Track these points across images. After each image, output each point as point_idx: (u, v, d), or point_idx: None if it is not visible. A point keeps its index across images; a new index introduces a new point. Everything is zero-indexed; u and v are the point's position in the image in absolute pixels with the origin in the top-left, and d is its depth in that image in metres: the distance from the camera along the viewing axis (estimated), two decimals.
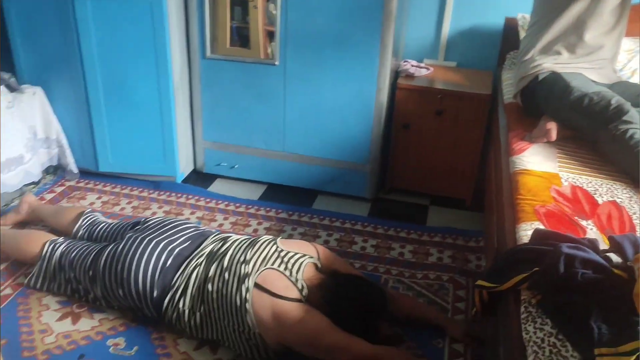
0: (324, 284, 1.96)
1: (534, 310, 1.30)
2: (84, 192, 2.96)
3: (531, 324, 1.26)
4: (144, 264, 2.00)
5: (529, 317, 1.29)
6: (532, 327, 1.25)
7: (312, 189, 3.07)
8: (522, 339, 1.25)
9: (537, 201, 1.73)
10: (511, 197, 1.83)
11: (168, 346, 1.99)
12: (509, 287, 1.40)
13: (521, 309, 1.33)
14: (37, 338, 2.00)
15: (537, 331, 1.23)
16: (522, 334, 1.26)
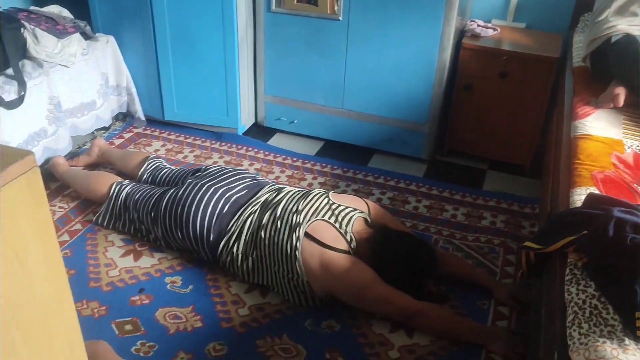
0: (372, 238, 1.99)
1: (579, 273, 1.29)
2: (150, 139, 3.10)
3: (574, 285, 1.25)
4: (202, 209, 2.09)
5: (573, 279, 1.28)
6: (574, 288, 1.25)
7: (368, 147, 3.08)
8: (564, 300, 1.25)
9: (596, 166, 1.68)
10: (569, 162, 1.78)
11: (221, 287, 2.10)
12: (555, 249, 1.39)
13: (566, 271, 1.32)
14: (102, 271, 2.15)
15: (579, 293, 1.23)
16: (565, 295, 1.25)
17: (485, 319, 2.01)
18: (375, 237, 1.99)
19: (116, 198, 2.34)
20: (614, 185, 1.60)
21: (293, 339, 1.90)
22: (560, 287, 1.30)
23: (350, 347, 1.88)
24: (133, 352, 1.83)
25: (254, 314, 1.99)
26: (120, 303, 2.01)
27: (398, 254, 1.96)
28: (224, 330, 1.92)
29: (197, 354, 1.83)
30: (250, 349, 1.86)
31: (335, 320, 1.98)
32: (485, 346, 1.88)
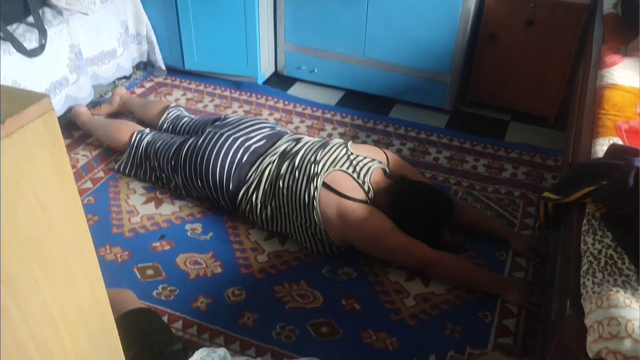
0: (390, 188, 1.99)
1: (597, 223, 1.28)
2: (170, 88, 3.10)
3: (591, 235, 1.25)
4: (222, 158, 2.11)
5: (590, 229, 1.27)
6: (591, 238, 1.24)
7: (390, 97, 3.04)
8: (580, 250, 1.24)
9: (620, 117, 1.65)
10: (593, 112, 1.74)
11: (240, 234, 2.13)
12: (574, 199, 1.37)
13: (583, 222, 1.31)
14: (124, 217, 2.20)
15: (595, 243, 1.22)
16: (581, 245, 1.25)
17: (502, 269, 2.02)
18: (393, 188, 1.99)
19: (137, 146, 2.36)
20: (638, 135, 1.56)
21: (310, 285, 1.94)
22: (576, 237, 1.29)
23: (367, 294, 1.91)
24: (155, 296, 1.88)
25: (273, 261, 2.03)
26: (142, 248, 2.06)
27: (416, 204, 1.96)
28: (242, 276, 1.97)
29: (216, 298, 1.88)
30: (268, 294, 1.90)
31: (352, 268, 2.00)
32: (501, 296, 1.90)
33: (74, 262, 0.93)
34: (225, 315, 1.83)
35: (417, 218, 1.95)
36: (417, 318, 1.83)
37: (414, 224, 1.94)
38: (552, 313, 1.27)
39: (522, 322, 1.82)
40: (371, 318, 1.83)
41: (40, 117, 0.80)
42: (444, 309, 1.86)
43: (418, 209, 1.95)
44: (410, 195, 1.96)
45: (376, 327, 1.80)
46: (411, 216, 1.95)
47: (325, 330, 1.79)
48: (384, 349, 1.73)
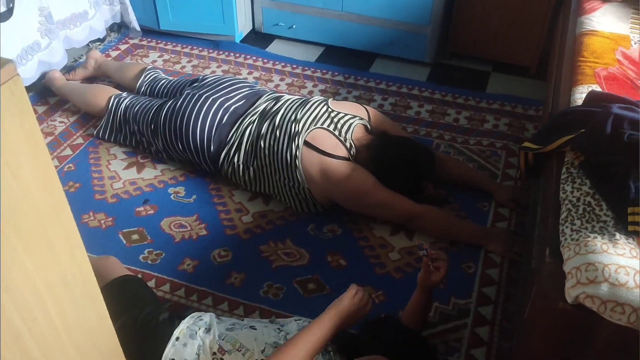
0: (372, 144, 1.99)
1: (575, 171, 1.29)
2: (146, 50, 3.03)
3: (569, 184, 1.26)
4: (201, 120, 2.08)
5: (569, 177, 1.28)
6: (570, 186, 1.25)
7: (370, 52, 3.00)
8: (559, 198, 1.26)
9: (600, 63, 1.64)
10: (572, 60, 1.74)
11: (224, 196, 2.13)
12: (553, 148, 1.38)
13: (562, 170, 1.32)
14: (106, 183, 2.18)
15: (574, 190, 1.23)
16: (560, 194, 1.26)
17: (485, 220, 2.04)
18: (374, 143, 1.99)
19: (115, 111, 2.32)
20: (617, 82, 1.57)
21: (296, 243, 1.95)
22: (555, 186, 1.30)
23: (352, 250, 1.93)
24: (141, 260, 1.89)
25: (258, 221, 2.03)
26: (126, 214, 2.05)
27: (398, 159, 1.96)
28: (228, 237, 1.97)
29: (202, 260, 1.89)
30: (254, 254, 1.91)
31: (337, 225, 2.02)
32: (484, 246, 1.92)
33: (52, 229, 0.92)
34: (212, 276, 1.84)
35: (399, 173, 1.95)
36: (401, 271, 1.86)
37: (396, 178, 1.95)
38: (533, 261, 1.29)
39: (505, 272, 1.85)
40: (357, 273, 1.86)
41: (5, 84, 0.77)
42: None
43: (400, 163, 1.96)
44: (391, 150, 1.96)
45: (362, 282, 1.81)
46: (393, 171, 1.95)
47: (312, 286, 1.81)
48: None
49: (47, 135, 2.38)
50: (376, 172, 1.94)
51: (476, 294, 1.79)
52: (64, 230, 0.96)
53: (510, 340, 1.63)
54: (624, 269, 1.01)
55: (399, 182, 1.95)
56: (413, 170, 1.97)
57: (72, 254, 0.99)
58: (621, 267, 1.02)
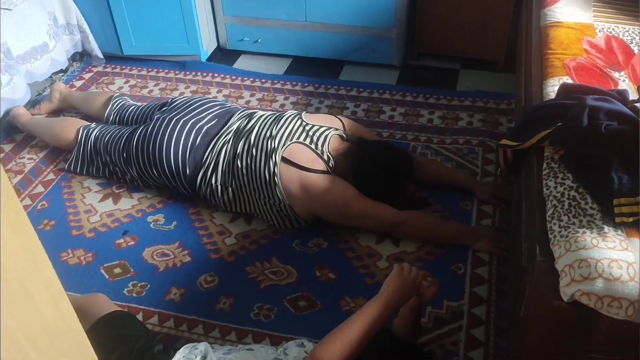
0: (349, 152, 1.97)
1: (556, 166, 1.29)
2: (111, 77, 2.98)
3: (552, 179, 1.26)
4: (174, 144, 2.04)
5: (551, 172, 1.28)
6: (552, 182, 1.25)
7: (337, 60, 2.99)
8: (543, 195, 1.25)
9: (568, 54, 1.65)
10: (540, 53, 1.74)
11: (205, 220, 2.09)
12: (532, 144, 1.38)
13: (543, 166, 1.32)
14: (83, 218, 2.12)
15: (557, 186, 1.23)
16: (543, 190, 1.26)
17: (469, 219, 2.04)
18: (352, 150, 1.97)
19: (85, 142, 2.27)
20: (587, 72, 1.57)
21: (282, 261, 1.92)
22: (538, 182, 1.30)
23: (339, 262, 1.91)
24: (126, 294, 1.84)
25: (241, 242, 2.00)
26: (106, 248, 2.00)
27: (376, 163, 1.94)
28: (212, 261, 1.94)
29: (189, 287, 1.85)
30: (241, 276, 1.88)
31: (322, 238, 1.99)
32: (471, 245, 1.92)
33: (31, 281, 0.88)
34: (200, 303, 1.80)
35: (379, 178, 1.94)
36: None
37: (377, 184, 1.93)
38: (522, 258, 1.28)
39: (495, 269, 1.85)
40: (347, 285, 1.83)
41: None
42: (417, 266, 1.86)
43: (378, 167, 1.94)
44: (368, 155, 1.94)
45: (353, 294, 1.80)
46: (373, 177, 1.93)
47: (303, 304, 1.78)
48: None
49: (17, 174, 2.32)
50: (356, 178, 1.93)
51: (468, 295, 1.78)
52: (43, 280, 0.91)
53: (507, 339, 1.62)
54: (616, 263, 1.01)
55: (380, 187, 1.93)
56: (392, 172, 1.95)
57: (54, 303, 0.95)
58: (613, 260, 1.01)
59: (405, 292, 1.33)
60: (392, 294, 1.32)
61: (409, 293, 1.35)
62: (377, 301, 1.31)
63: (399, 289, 1.33)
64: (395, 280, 1.34)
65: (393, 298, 1.32)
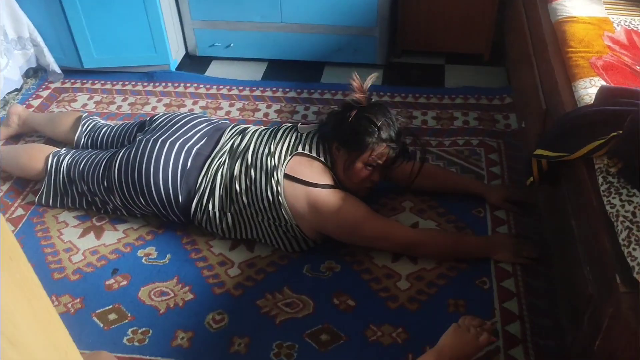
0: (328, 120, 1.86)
1: (615, 181, 1.18)
2: (72, 93, 2.72)
3: (615, 196, 1.15)
4: (163, 169, 1.85)
5: (611, 188, 1.17)
6: (617, 200, 1.14)
7: (317, 62, 2.84)
8: (607, 214, 1.15)
9: (591, 52, 1.56)
10: (559, 51, 1.64)
11: (202, 250, 1.91)
12: (581, 155, 1.27)
13: (599, 180, 1.22)
14: (63, 258, 1.90)
15: (624, 204, 1.13)
16: (607, 208, 1.15)
17: (485, 227, 1.94)
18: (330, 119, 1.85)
19: (56, 172, 2.04)
20: (617, 70, 1.48)
21: (295, 290, 1.77)
22: (597, 199, 1.19)
23: (357, 287, 1.77)
24: (126, 344, 1.64)
25: (246, 272, 1.83)
26: (95, 291, 1.79)
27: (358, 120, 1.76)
28: (218, 297, 1.76)
29: (196, 330, 1.67)
30: (252, 311, 1.71)
31: (334, 261, 1.85)
32: (491, 257, 1.82)
33: None
34: (212, 347, 1.62)
35: (364, 132, 1.74)
36: (416, 301, 1.72)
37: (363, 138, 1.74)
38: (587, 285, 1.18)
39: (521, 280, 1.75)
40: (369, 312, 1.70)
41: None
42: (440, 284, 1.76)
43: (362, 123, 1.75)
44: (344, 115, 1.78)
45: (378, 321, 1.67)
46: (358, 133, 1.74)
47: (325, 338, 1.64)
48: (393, 343, 1.61)
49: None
50: (344, 143, 1.76)
51: (499, 312, 1.67)
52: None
53: (549, 358, 1.53)
54: None
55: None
56: (375, 124, 1.75)
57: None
58: None
59: (464, 349, 1.23)
60: (448, 350, 1.21)
61: (469, 351, 1.23)
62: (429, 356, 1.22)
63: (448, 352, 1.23)
64: (443, 343, 1.27)
65: (447, 356, 1.22)
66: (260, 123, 2.46)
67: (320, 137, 1.83)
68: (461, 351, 1.23)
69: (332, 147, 1.80)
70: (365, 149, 1.74)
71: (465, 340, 1.23)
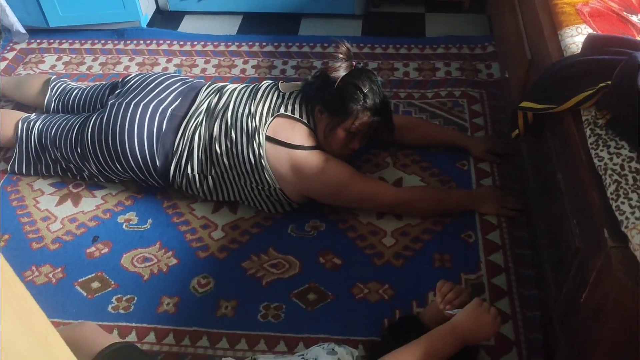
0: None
1: (604, 133, 1.16)
2: (39, 54, 2.61)
3: (603, 148, 1.13)
4: (137, 133, 1.79)
5: (599, 140, 1.15)
6: (605, 152, 1.12)
7: (294, 13, 2.74)
8: (594, 167, 1.13)
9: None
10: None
11: (184, 213, 1.87)
12: (569, 107, 1.24)
13: (586, 132, 1.19)
14: (41, 227, 1.85)
15: (612, 157, 1.11)
16: (594, 161, 1.13)
17: (469, 180, 1.92)
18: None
19: (27, 138, 1.97)
20: (604, 18, 1.44)
21: (280, 251, 1.75)
22: (584, 152, 1.17)
23: (342, 244, 1.76)
24: (111, 311, 1.62)
25: (230, 234, 1.80)
26: (76, 259, 1.76)
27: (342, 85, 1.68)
28: (202, 260, 1.74)
29: (182, 295, 1.65)
30: (238, 274, 1.70)
31: (318, 220, 1.83)
32: (477, 210, 1.81)
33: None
34: (199, 311, 1.61)
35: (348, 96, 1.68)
36: (401, 256, 1.71)
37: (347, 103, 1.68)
38: (575, 239, 1.17)
39: (506, 232, 1.75)
40: (356, 270, 1.69)
41: None
42: (425, 239, 1.75)
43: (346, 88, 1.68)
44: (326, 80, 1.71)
45: (364, 278, 1.66)
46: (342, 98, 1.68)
47: (313, 297, 1.63)
48: (380, 299, 1.61)
49: None
50: (327, 107, 1.71)
51: (484, 265, 1.68)
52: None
53: (533, 309, 1.54)
54: None
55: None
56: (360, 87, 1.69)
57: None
58: None
59: (472, 334, 1.23)
60: (454, 330, 1.22)
61: (476, 336, 1.24)
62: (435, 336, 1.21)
63: (464, 327, 1.22)
64: (461, 319, 1.24)
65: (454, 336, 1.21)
66: (238, 80, 2.39)
67: (304, 98, 1.76)
68: (476, 332, 1.22)
69: (314, 109, 1.74)
70: (349, 115, 1.68)
71: (483, 321, 1.22)
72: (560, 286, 1.26)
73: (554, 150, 1.34)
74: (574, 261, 1.17)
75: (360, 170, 1.88)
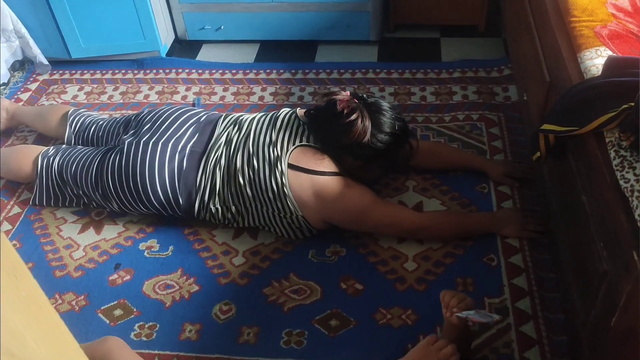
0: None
1: (629, 155, 1.15)
2: (62, 85, 2.66)
3: (629, 170, 1.12)
4: (159, 173, 1.79)
5: (624, 162, 1.15)
6: (631, 174, 1.12)
7: (310, 41, 2.78)
8: (620, 189, 1.12)
9: (595, 21, 1.51)
10: (561, 20, 1.60)
11: (205, 240, 1.88)
12: (592, 129, 1.24)
13: (611, 154, 1.19)
14: (64, 255, 1.87)
15: (639, 178, 1.10)
16: (620, 183, 1.13)
17: (489, 203, 1.91)
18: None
19: (47, 174, 1.97)
20: (623, 40, 1.44)
21: (301, 276, 1.75)
22: (609, 174, 1.17)
23: (363, 270, 1.75)
24: (134, 339, 1.62)
25: (251, 260, 1.80)
26: (98, 287, 1.77)
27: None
28: (224, 287, 1.74)
29: (204, 322, 1.65)
30: (259, 300, 1.70)
31: (339, 245, 1.83)
32: (498, 233, 1.80)
33: None
34: (221, 338, 1.61)
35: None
36: (424, 281, 1.70)
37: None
38: (602, 262, 1.16)
39: (529, 255, 1.74)
40: (378, 295, 1.68)
41: None
42: (447, 263, 1.74)
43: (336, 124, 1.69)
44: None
45: (386, 304, 1.65)
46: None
47: (335, 323, 1.62)
48: (403, 325, 1.60)
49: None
50: (349, 153, 1.72)
51: (508, 289, 1.66)
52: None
53: (560, 333, 1.52)
54: None
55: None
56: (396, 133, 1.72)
57: None
58: None
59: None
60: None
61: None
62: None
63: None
64: (420, 351, 1.25)
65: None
66: (256, 107, 2.41)
67: (320, 141, 1.75)
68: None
69: (340, 156, 1.75)
70: (374, 160, 1.74)
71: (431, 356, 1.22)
72: (588, 310, 1.24)
73: (577, 173, 1.33)
74: (602, 284, 1.16)
75: (379, 194, 1.88)
